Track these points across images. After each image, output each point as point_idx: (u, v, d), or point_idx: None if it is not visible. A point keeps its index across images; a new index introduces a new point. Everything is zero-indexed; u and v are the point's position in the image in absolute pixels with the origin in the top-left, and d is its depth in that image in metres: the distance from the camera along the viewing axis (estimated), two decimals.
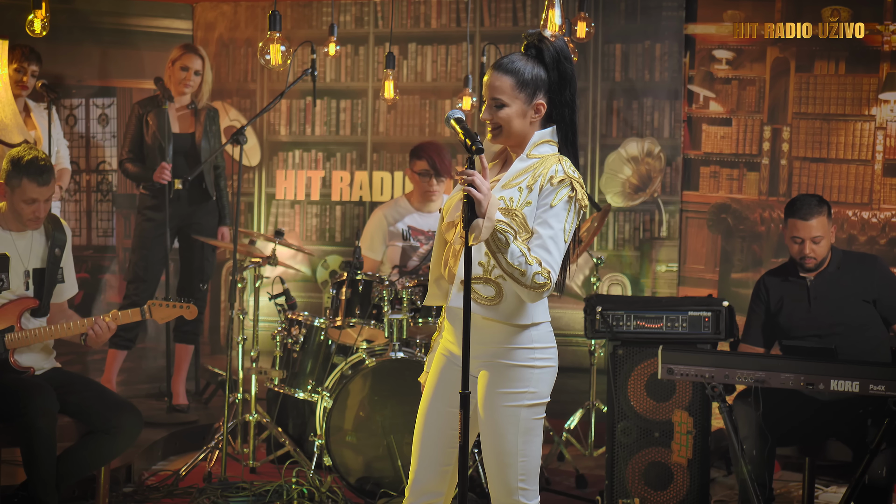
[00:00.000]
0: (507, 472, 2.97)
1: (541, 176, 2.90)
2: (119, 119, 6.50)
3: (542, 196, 2.88)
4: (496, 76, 2.94)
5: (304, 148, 6.64)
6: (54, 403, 3.95)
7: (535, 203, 2.88)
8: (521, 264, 2.78)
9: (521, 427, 2.95)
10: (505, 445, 2.96)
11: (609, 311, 4.34)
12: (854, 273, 4.43)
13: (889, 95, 5.74)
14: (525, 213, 2.88)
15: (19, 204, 4.04)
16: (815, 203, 4.40)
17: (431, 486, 3.05)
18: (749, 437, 4.10)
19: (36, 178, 4.01)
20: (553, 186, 2.88)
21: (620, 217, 6.22)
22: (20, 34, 4.66)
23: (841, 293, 4.40)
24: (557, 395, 3.19)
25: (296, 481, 4.63)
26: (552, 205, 2.87)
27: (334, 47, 5.35)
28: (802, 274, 4.46)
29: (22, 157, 4.04)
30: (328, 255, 6.58)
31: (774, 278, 4.54)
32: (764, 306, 4.52)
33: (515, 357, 2.95)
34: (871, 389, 3.64)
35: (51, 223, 4.20)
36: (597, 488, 4.89)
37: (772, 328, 4.51)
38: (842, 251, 4.55)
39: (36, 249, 4.16)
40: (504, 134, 2.97)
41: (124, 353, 5.76)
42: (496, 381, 2.95)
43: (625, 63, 6.22)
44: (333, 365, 4.98)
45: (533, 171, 2.92)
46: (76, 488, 4.36)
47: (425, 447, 3.04)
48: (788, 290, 4.47)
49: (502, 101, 2.94)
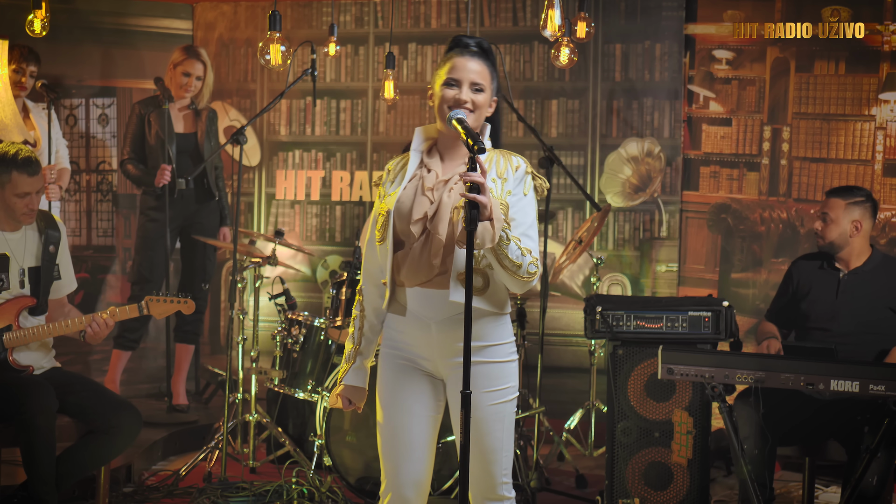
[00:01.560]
0: (493, 468, 2.99)
1: (507, 167, 2.96)
2: (119, 119, 6.50)
3: (515, 185, 2.93)
4: (475, 61, 2.95)
5: (304, 148, 6.64)
6: (53, 402, 3.95)
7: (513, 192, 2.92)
8: (517, 257, 2.84)
9: (505, 423, 3.00)
10: (492, 442, 2.97)
11: (609, 311, 4.33)
12: (887, 278, 4.44)
13: (889, 95, 5.74)
14: (509, 201, 2.91)
15: (11, 199, 4.04)
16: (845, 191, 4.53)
17: (422, 477, 3.04)
18: (749, 437, 4.09)
19: (25, 170, 4.02)
20: (521, 176, 2.95)
21: (620, 217, 6.21)
22: (20, 34, 4.66)
23: (868, 296, 4.41)
24: (557, 395, 3.20)
25: (296, 481, 4.63)
26: (525, 193, 2.94)
27: (334, 47, 5.35)
28: (838, 266, 4.49)
29: (7, 151, 4.06)
30: (328, 255, 6.58)
31: (809, 263, 4.60)
32: (791, 288, 4.57)
33: (494, 354, 2.97)
34: (872, 389, 3.63)
35: (44, 220, 4.20)
36: (597, 488, 4.89)
37: (793, 312, 4.53)
38: (883, 254, 4.57)
39: (30, 248, 4.16)
40: (473, 119, 2.95)
41: (129, 353, 5.76)
42: (477, 380, 2.90)
43: (625, 63, 6.21)
44: (333, 365, 4.98)
45: (495, 163, 2.96)
46: (76, 488, 4.36)
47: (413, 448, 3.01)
48: (819, 278, 4.51)
49: (482, 86, 2.95)
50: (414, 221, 2.91)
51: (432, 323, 2.95)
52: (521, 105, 6.32)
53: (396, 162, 3.07)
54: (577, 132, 6.29)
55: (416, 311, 2.95)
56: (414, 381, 3.01)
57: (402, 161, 3.06)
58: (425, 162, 3.00)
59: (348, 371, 3.08)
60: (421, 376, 3.02)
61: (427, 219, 2.91)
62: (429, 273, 2.91)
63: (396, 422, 3.00)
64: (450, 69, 2.95)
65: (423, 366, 3.01)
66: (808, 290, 4.51)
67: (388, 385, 3.02)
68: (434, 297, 2.92)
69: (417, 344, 2.99)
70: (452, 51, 2.99)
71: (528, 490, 4.60)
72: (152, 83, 5.70)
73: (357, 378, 3.08)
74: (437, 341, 2.96)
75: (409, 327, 2.98)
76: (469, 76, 2.93)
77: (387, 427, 3.02)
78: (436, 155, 3.02)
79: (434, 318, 2.94)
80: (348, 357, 3.09)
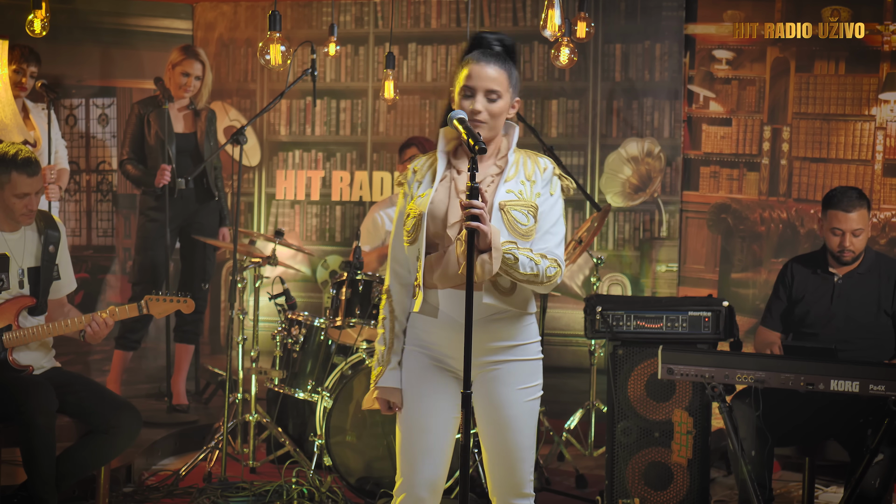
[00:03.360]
0: (521, 467, 3.00)
1: (534, 169, 2.98)
2: (119, 119, 6.50)
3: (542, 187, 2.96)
4: (492, 67, 2.94)
5: (304, 148, 6.64)
6: (53, 402, 3.95)
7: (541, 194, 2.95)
8: (532, 269, 2.87)
9: (534, 421, 3.03)
10: (525, 440, 2.99)
11: (609, 311, 4.33)
12: (880, 279, 4.43)
13: (889, 95, 5.74)
14: (538, 203, 2.93)
15: (10, 199, 4.04)
16: (856, 196, 4.40)
17: (438, 478, 3.03)
18: (748, 437, 4.09)
19: (25, 170, 4.02)
20: (549, 177, 2.97)
21: (620, 217, 6.21)
22: (20, 34, 4.66)
23: (863, 299, 4.39)
24: (557, 395, 3.22)
25: (296, 481, 4.63)
26: (552, 193, 2.97)
27: (334, 47, 5.35)
28: (832, 269, 4.46)
29: (7, 151, 4.05)
30: (328, 255, 6.58)
31: (803, 268, 4.54)
32: (787, 292, 4.53)
33: (525, 353, 2.99)
34: (872, 389, 3.63)
35: (43, 220, 4.20)
36: (597, 488, 4.89)
37: (788, 316, 4.52)
38: (875, 252, 4.54)
39: (30, 248, 4.16)
40: (489, 128, 2.95)
41: (130, 353, 5.76)
42: (512, 378, 2.96)
43: (625, 63, 6.21)
44: (333, 365, 4.98)
45: (523, 165, 2.98)
46: (76, 488, 4.36)
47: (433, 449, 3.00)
48: (814, 284, 4.48)
49: (499, 92, 2.95)
50: (450, 225, 2.92)
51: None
52: (521, 105, 6.31)
53: (422, 162, 3.06)
54: (577, 132, 6.29)
55: (448, 312, 2.95)
56: (440, 382, 3.01)
57: (428, 161, 3.05)
58: (453, 163, 3.01)
59: (384, 373, 3.04)
60: (447, 377, 3.01)
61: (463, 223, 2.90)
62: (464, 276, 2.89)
63: (418, 421, 3.00)
64: (466, 77, 2.94)
65: (450, 365, 3.00)
66: (803, 296, 4.49)
67: (413, 384, 3.01)
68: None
69: (447, 344, 2.98)
70: (471, 54, 2.97)
71: None
72: (152, 83, 5.69)
73: (394, 379, 3.04)
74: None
75: (440, 328, 2.98)
76: (484, 84, 2.93)
77: (407, 425, 3.01)
78: (462, 156, 3.02)
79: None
80: (381, 359, 3.05)
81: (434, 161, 3.02)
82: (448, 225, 2.93)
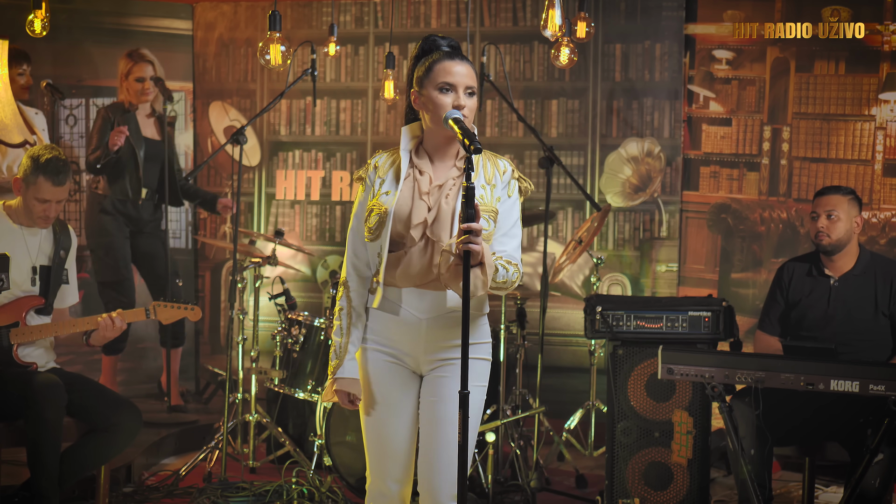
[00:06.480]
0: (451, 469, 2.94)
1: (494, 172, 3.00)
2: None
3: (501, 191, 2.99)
4: (463, 64, 2.96)
5: (304, 148, 6.64)
6: (62, 396, 3.96)
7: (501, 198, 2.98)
8: (503, 276, 2.91)
9: (476, 421, 3.03)
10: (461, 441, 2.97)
11: (609, 311, 4.33)
12: (876, 280, 4.43)
13: (889, 95, 5.74)
14: (498, 208, 2.96)
15: (31, 201, 4.10)
16: (841, 188, 4.49)
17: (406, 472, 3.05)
18: (748, 437, 4.09)
19: (52, 178, 4.07)
20: (507, 180, 3.00)
21: (620, 217, 6.22)
22: (20, 34, 4.66)
23: (860, 301, 4.39)
24: (557, 395, 3.21)
25: (296, 481, 4.63)
26: (510, 195, 3.00)
27: (334, 47, 5.35)
28: (828, 272, 4.46)
29: (41, 155, 4.11)
30: (328, 255, 6.58)
31: (799, 270, 4.53)
32: (785, 295, 4.53)
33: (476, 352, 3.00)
34: (872, 389, 3.63)
35: (58, 226, 4.26)
36: (597, 488, 4.89)
37: (785, 319, 4.52)
38: (870, 252, 4.53)
39: (44, 247, 4.20)
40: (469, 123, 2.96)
41: (117, 356, 5.72)
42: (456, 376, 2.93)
43: (625, 63, 6.22)
44: None
45: (483, 167, 3.00)
46: (76, 488, 4.36)
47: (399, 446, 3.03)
48: (810, 286, 4.47)
49: (473, 88, 2.98)
50: (414, 226, 2.93)
51: (424, 320, 2.98)
52: (521, 105, 6.32)
53: (384, 159, 3.05)
54: (577, 132, 6.29)
55: (409, 309, 2.97)
56: (400, 379, 3.03)
57: (391, 159, 3.04)
58: (415, 163, 3.01)
59: (342, 364, 3.03)
60: (405, 373, 3.04)
61: (427, 224, 2.93)
62: (427, 276, 2.95)
63: (382, 420, 3.03)
64: (443, 73, 2.95)
65: (405, 362, 3.03)
66: (800, 299, 4.48)
67: (374, 382, 3.03)
68: (429, 297, 2.96)
69: (403, 340, 3.00)
70: (436, 52, 3.00)
71: (528, 490, 4.60)
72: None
73: (352, 370, 3.04)
74: (425, 338, 2.98)
75: (401, 325, 2.99)
76: (463, 80, 2.95)
77: (372, 425, 3.04)
78: (424, 156, 3.02)
79: (426, 315, 2.97)
80: (338, 351, 3.04)
81: (397, 159, 3.02)
82: (412, 225, 2.93)
